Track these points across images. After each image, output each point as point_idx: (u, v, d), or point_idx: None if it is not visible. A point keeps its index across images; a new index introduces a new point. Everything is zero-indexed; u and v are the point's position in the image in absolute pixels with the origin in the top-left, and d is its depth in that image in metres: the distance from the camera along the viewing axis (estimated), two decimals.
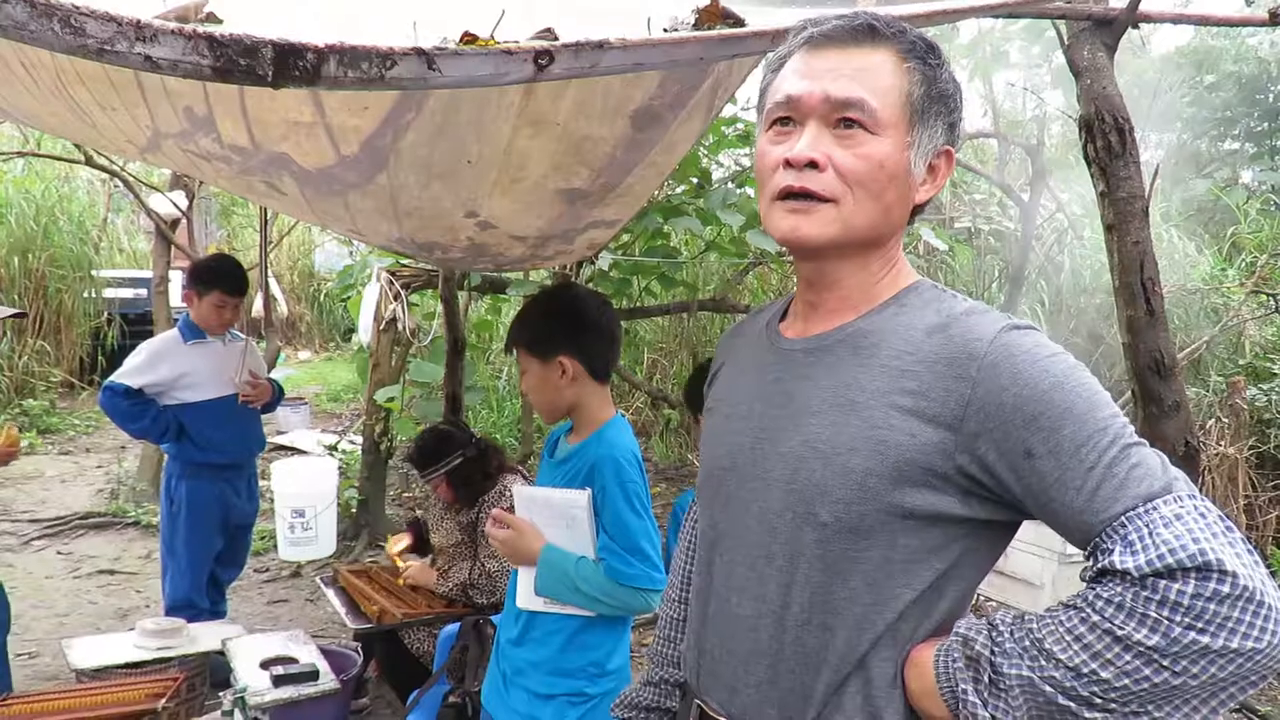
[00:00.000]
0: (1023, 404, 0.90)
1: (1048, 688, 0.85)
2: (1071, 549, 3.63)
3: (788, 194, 0.97)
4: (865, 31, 0.98)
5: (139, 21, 0.83)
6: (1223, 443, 4.64)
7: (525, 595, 1.91)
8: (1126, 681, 0.82)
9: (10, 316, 3.52)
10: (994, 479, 0.92)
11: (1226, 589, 0.80)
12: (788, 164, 0.97)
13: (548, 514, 1.90)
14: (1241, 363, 5.76)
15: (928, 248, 6.10)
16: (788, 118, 0.99)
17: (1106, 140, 2.37)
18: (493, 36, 1.02)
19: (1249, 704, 3.52)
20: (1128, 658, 0.82)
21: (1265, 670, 0.81)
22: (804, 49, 1.00)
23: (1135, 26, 2.38)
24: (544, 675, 1.89)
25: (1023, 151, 6.15)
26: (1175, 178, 8.58)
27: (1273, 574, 0.87)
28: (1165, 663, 0.81)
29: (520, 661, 1.93)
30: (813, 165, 0.95)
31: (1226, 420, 4.75)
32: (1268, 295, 5.48)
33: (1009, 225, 6.92)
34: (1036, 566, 3.95)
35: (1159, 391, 2.33)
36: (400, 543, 3.39)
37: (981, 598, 4.05)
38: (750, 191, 4.65)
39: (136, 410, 3.26)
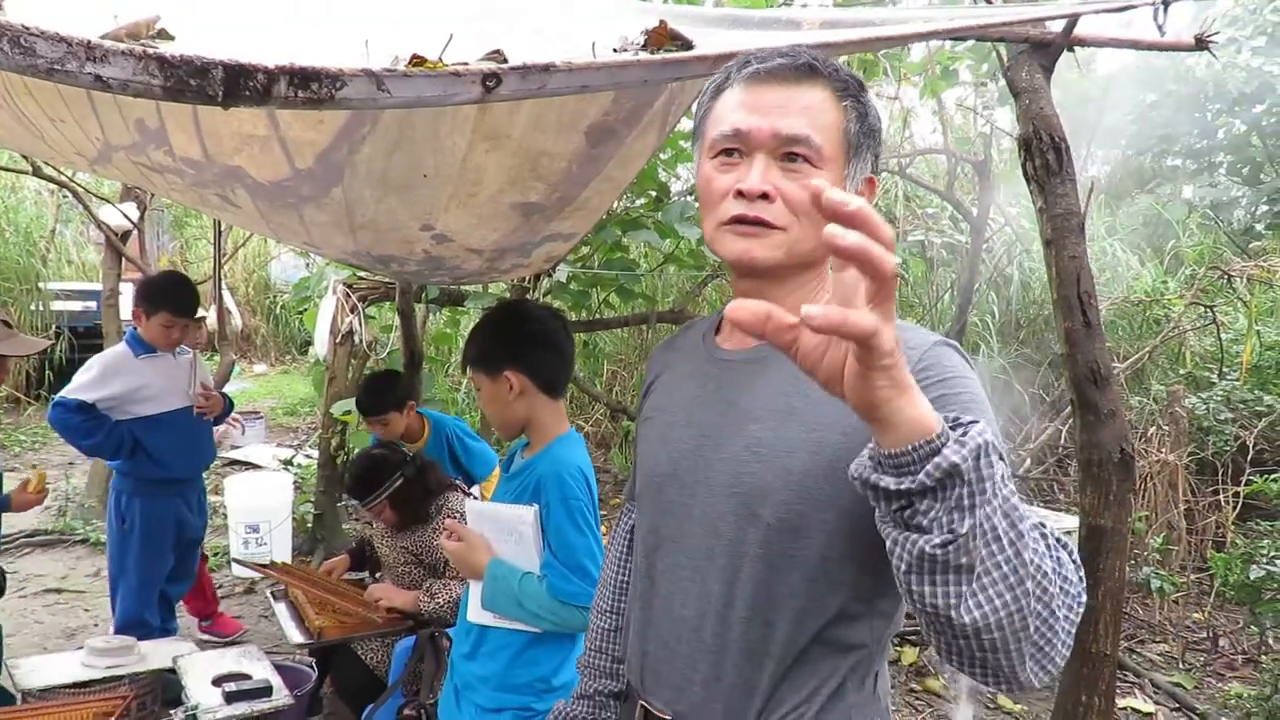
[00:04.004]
0: (946, 404, 0.96)
1: (1017, 509, 0.79)
2: None
3: (739, 221, 1.04)
4: (806, 70, 1.04)
5: (89, 42, 0.84)
6: (1164, 449, 4.79)
7: (475, 609, 1.92)
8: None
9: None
10: None
11: None
12: (739, 194, 1.03)
13: (497, 529, 1.91)
14: (1182, 372, 5.95)
15: None
16: (734, 149, 1.05)
17: (1044, 158, 2.45)
18: (440, 59, 1.04)
19: (1188, 702, 3.63)
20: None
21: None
22: (746, 82, 1.05)
23: (1071, 50, 2.47)
24: (491, 690, 1.90)
25: (971, 167, 6.30)
26: (1119, 193, 8.83)
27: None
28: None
29: (470, 676, 1.94)
30: (764, 196, 1.02)
31: (1167, 428, 4.90)
32: (1206, 307, 5.68)
33: (960, 238, 7.07)
34: None
35: (1095, 400, 2.41)
36: (336, 571, 3.31)
37: None
38: None
39: (89, 426, 3.20)
